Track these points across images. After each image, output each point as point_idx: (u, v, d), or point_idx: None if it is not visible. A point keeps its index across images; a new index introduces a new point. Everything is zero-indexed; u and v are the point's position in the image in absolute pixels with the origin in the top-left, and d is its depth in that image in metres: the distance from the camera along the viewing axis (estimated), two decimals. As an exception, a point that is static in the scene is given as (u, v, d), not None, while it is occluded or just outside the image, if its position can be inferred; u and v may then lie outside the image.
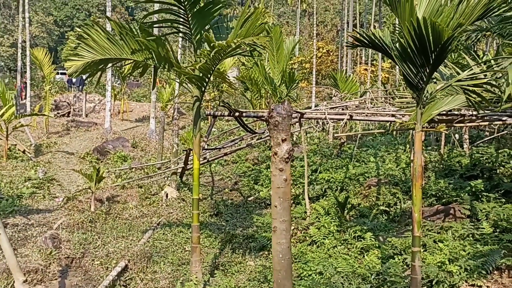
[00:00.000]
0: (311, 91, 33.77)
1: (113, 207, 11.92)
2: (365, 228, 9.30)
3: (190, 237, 10.11)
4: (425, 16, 5.89)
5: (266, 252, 9.32)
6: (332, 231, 9.47)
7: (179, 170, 13.31)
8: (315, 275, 7.61)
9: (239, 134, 19.06)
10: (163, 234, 10.24)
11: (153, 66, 7.24)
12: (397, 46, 6.28)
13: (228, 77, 9.56)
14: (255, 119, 12.66)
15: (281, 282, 4.87)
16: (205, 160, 13.15)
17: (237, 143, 15.03)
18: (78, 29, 7.00)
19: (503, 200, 9.57)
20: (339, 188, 12.23)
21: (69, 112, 27.59)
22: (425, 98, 6.50)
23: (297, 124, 10.83)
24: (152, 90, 20.80)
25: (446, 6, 6.41)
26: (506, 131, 14.15)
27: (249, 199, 12.83)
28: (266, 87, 17.14)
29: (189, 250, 9.56)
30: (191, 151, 12.83)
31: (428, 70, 6.06)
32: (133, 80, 42.78)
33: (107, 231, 10.20)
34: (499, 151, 12.95)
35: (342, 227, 9.65)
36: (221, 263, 8.92)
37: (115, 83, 32.32)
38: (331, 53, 40.12)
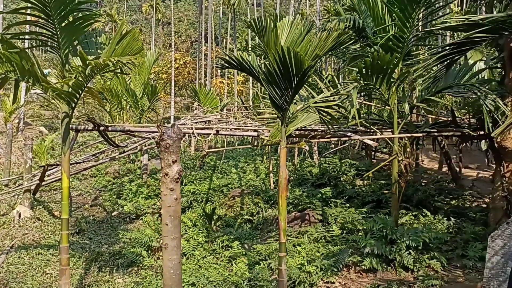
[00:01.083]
0: (168, 101, 33.72)
1: (-46, 232, 10.56)
2: (231, 237, 9.84)
3: (50, 259, 9.51)
4: (288, 46, 6.60)
5: (136, 268, 9.24)
6: (201, 242, 9.81)
7: (33, 187, 12.32)
8: (188, 286, 7.82)
9: (97, 147, 18.27)
10: (19, 257, 9.44)
11: (14, 79, 6.78)
12: (264, 70, 6.90)
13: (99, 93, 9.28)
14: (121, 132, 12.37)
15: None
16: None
17: (97, 156, 14.50)
18: None
19: (348, 205, 11.00)
20: (204, 199, 12.62)
21: None
22: (288, 117, 7.26)
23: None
24: (12, 104, 18.94)
25: (304, 38, 7.28)
26: (347, 143, 16.14)
27: (113, 214, 12.45)
28: (127, 99, 16.81)
29: (50, 273, 9.01)
30: (49, 167, 12.05)
31: (291, 93, 6.79)
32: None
33: (-51, 260, 9.05)
34: (342, 161, 14.76)
35: (210, 237, 10.06)
36: (88, 283, 8.60)
37: None
38: (188, 65, 40.67)
